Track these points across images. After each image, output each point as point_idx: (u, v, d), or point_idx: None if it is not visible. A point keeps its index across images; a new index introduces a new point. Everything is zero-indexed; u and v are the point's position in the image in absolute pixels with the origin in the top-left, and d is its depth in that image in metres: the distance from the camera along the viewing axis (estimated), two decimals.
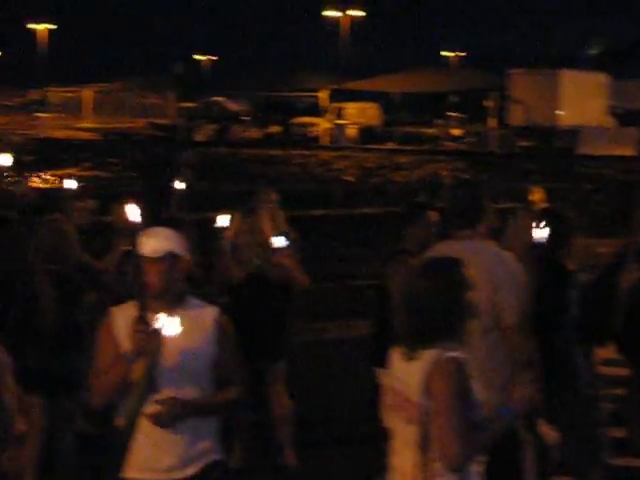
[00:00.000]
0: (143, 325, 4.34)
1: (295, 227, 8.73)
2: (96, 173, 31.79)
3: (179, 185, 9.54)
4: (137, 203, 7.90)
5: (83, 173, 30.00)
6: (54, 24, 72.38)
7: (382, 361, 6.18)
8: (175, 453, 4.49)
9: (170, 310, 4.42)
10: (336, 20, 63.17)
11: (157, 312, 4.37)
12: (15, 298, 6.34)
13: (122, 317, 4.54)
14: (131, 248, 6.81)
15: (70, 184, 9.14)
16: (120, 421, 4.52)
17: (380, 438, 6.74)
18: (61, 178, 21.55)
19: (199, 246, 6.99)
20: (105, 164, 34.78)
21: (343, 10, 62.07)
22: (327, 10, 63.86)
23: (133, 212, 7.93)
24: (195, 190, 13.23)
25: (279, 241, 7.73)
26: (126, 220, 8.01)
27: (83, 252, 7.52)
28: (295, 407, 7.87)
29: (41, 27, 72.17)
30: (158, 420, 4.41)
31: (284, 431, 7.81)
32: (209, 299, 4.89)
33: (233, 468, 7.13)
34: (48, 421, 6.44)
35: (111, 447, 4.59)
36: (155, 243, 4.48)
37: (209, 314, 4.62)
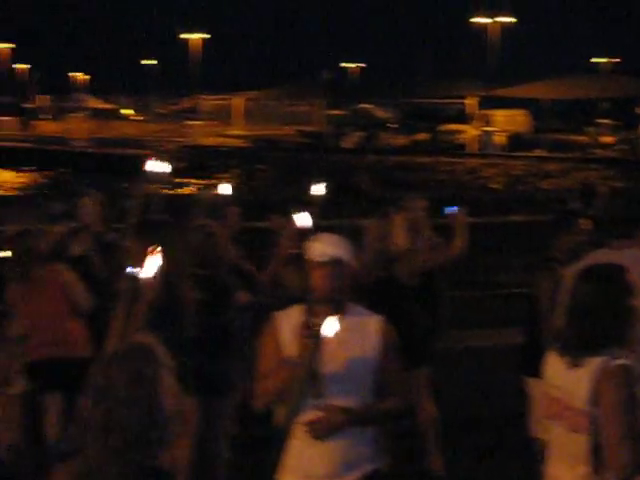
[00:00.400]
0: (309, 330, 4.35)
1: (441, 234, 8.73)
2: (245, 179, 32.32)
3: (318, 191, 9.65)
4: (294, 210, 8.03)
5: (233, 179, 30.52)
6: (207, 34, 74.03)
7: (533, 370, 6.18)
8: (332, 460, 4.47)
9: (335, 316, 4.42)
10: (485, 26, 62.73)
11: (322, 317, 4.38)
12: (169, 301, 6.52)
13: (287, 322, 4.58)
14: (291, 253, 6.94)
15: (225, 189, 9.27)
16: (279, 422, 4.55)
17: (528, 447, 6.73)
18: (212, 185, 21.94)
19: None
20: (253, 170, 35.32)
21: (492, 16, 61.59)
22: (476, 17, 63.48)
23: (297, 218, 8.07)
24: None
25: (449, 209, 7.89)
26: (286, 226, 8.15)
27: (238, 257, 7.69)
28: (443, 414, 7.85)
29: (194, 37, 73.86)
30: (316, 430, 4.41)
31: (430, 437, 7.80)
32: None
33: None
34: (202, 422, 6.58)
35: (268, 449, 4.64)
36: (323, 248, 4.54)
37: (374, 322, 4.61)
